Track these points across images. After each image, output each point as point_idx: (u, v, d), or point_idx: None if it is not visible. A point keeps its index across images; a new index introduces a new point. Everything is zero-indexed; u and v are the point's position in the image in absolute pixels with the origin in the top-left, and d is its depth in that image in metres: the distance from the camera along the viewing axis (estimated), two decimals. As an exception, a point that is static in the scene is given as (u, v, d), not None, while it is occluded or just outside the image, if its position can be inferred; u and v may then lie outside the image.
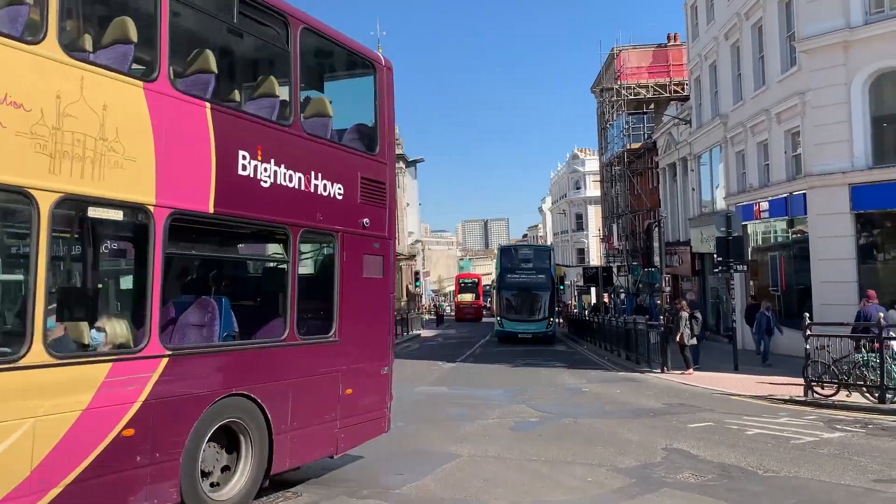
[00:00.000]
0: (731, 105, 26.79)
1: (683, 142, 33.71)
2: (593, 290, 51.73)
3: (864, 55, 18.83)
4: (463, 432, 11.26)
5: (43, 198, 5.06)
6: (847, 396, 13.52)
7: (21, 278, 5.57)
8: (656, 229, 36.19)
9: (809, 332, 14.39)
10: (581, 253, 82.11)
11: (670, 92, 43.02)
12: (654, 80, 44.37)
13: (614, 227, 52.64)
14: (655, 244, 36.07)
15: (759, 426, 11.34)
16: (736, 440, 10.33)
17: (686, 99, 36.44)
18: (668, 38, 45.72)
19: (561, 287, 40.04)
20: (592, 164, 76.93)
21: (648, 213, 42.34)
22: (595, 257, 75.59)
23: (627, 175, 46.59)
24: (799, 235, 21.77)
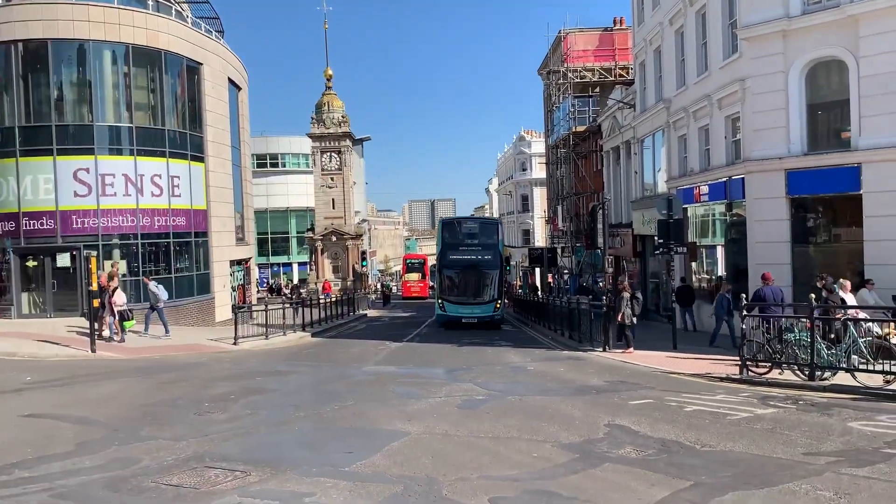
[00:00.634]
0: (675, 90, 27.32)
1: (627, 126, 34.25)
2: (538, 270, 52.43)
3: (802, 44, 19.42)
4: (411, 410, 11.35)
5: None
6: (780, 374, 14.10)
7: None
8: (600, 211, 36.80)
9: (745, 313, 14.91)
10: (526, 234, 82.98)
11: (616, 76, 43.62)
12: (599, 63, 44.89)
13: (559, 208, 53.31)
14: (599, 226, 36.71)
15: (697, 403, 11.73)
16: (675, 417, 10.68)
17: (631, 83, 36.98)
18: (615, 22, 46.24)
19: (507, 268, 36.44)
20: (538, 146, 77.59)
21: (593, 196, 42.99)
22: (540, 238, 76.52)
23: (572, 157, 47.14)
24: (737, 218, 22.44)
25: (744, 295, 15.86)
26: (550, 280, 49.15)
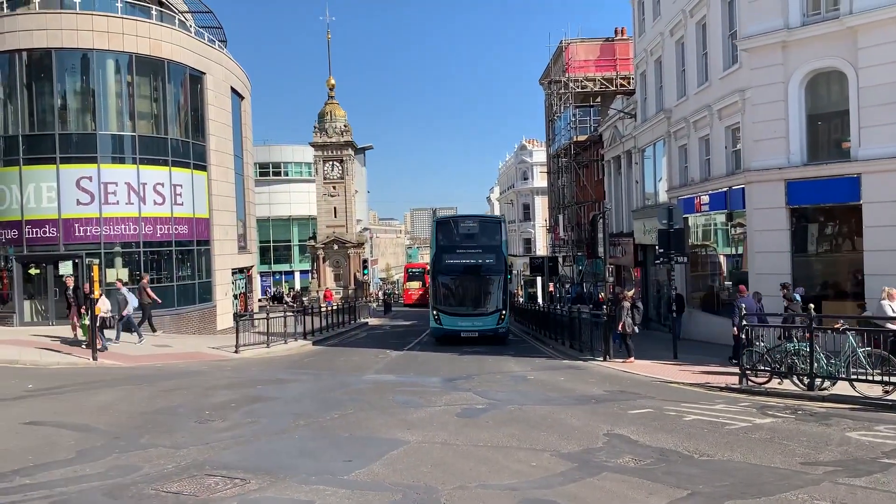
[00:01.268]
0: (675, 100, 27.42)
1: (628, 135, 34.35)
2: (539, 279, 52.44)
3: (802, 55, 19.52)
4: (411, 419, 11.39)
5: None
6: (779, 384, 14.13)
7: None
8: (601, 220, 36.87)
9: (745, 323, 14.95)
10: (528, 243, 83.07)
11: (617, 86, 43.75)
12: (601, 73, 45.03)
13: (560, 217, 53.38)
14: (600, 235, 36.77)
15: (696, 413, 11.75)
16: (674, 426, 10.70)
17: (632, 93, 37.11)
18: (616, 33, 46.42)
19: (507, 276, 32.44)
20: (540, 155, 77.74)
21: (594, 205, 43.05)
22: (541, 247, 76.56)
23: (574, 167, 47.23)
24: (737, 228, 22.49)
25: (743, 306, 15.89)
26: (551, 289, 49.16)
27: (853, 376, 12.97)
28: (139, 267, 27.32)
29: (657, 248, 21.42)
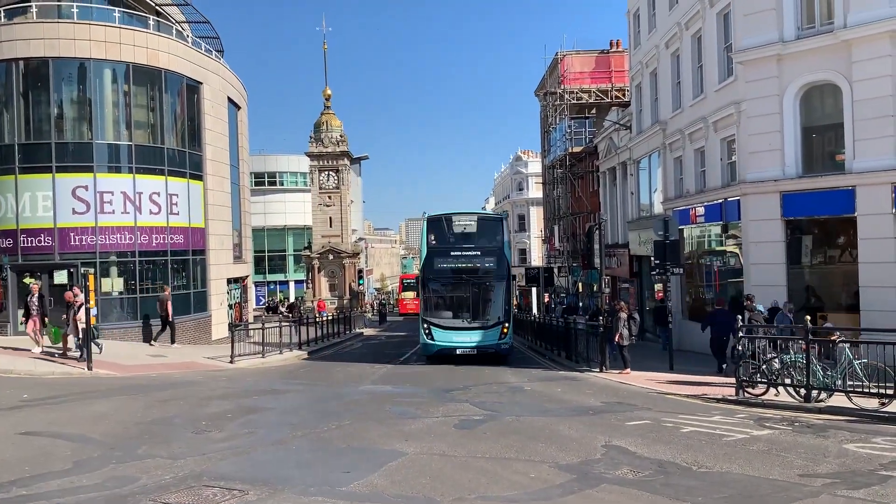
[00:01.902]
0: (671, 112, 27.55)
1: (623, 147, 34.48)
2: (534, 290, 52.49)
3: (796, 68, 19.66)
4: (408, 430, 11.36)
5: None
6: (776, 395, 14.15)
7: None
8: (597, 232, 36.95)
9: (741, 334, 14.98)
10: (523, 253, 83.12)
11: (612, 97, 43.96)
12: (596, 85, 45.25)
13: (556, 228, 53.47)
14: (595, 246, 36.83)
15: (693, 424, 11.76)
16: (671, 438, 10.70)
17: (627, 105, 37.28)
18: (611, 45, 46.70)
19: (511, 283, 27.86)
20: (535, 166, 77.95)
21: (589, 216, 43.16)
22: (537, 258, 76.65)
23: (569, 178, 47.37)
24: (733, 241, 22.57)
25: (739, 317, 15.93)
26: (547, 299, 49.20)
27: (850, 388, 13.01)
28: (135, 276, 27.25)
29: (653, 259, 21.47)
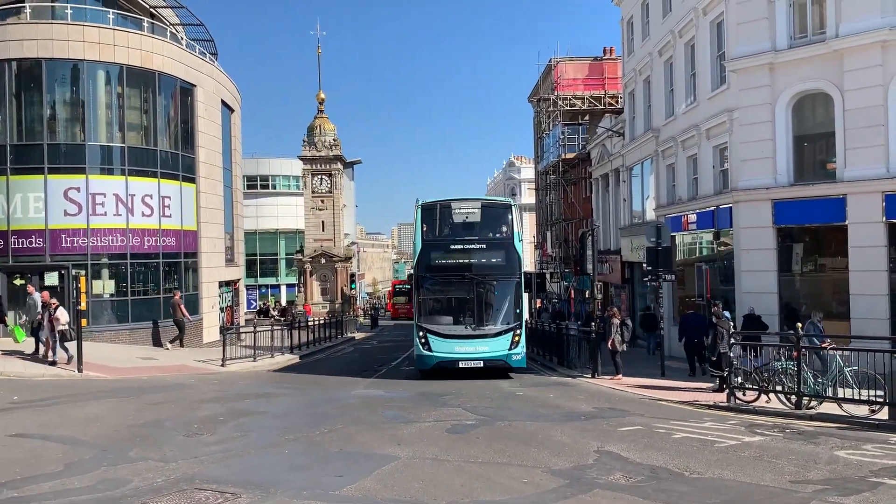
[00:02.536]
0: (664, 119, 27.68)
1: (616, 153, 34.60)
2: (526, 295, 52.51)
3: (788, 77, 19.80)
4: (401, 434, 11.36)
5: None
6: (767, 402, 14.21)
7: None
8: (589, 238, 37.04)
9: (733, 341, 15.05)
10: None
11: (605, 104, 44.09)
12: (589, 92, 45.38)
13: (548, 234, 53.56)
14: (588, 252, 36.93)
15: (685, 430, 11.80)
16: (664, 443, 10.74)
17: (620, 112, 37.41)
18: (605, 52, 46.85)
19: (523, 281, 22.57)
20: (528, 171, 78.12)
21: (581, 222, 43.24)
22: (529, 263, 76.71)
23: (562, 184, 47.47)
24: (724, 248, 22.67)
25: (731, 323, 15.99)
26: (539, 304, 49.24)
27: (840, 395, 13.09)
28: (126, 279, 27.14)
29: (645, 265, 21.53)
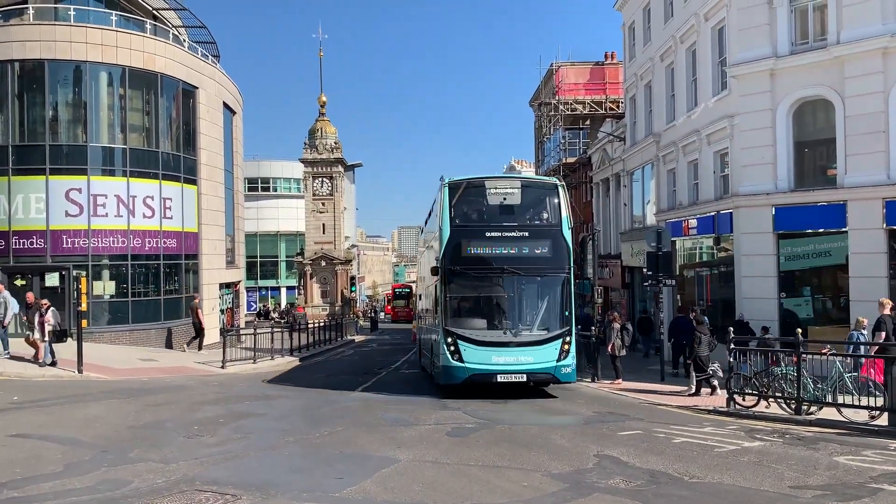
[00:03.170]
0: (665, 125, 27.71)
1: (617, 158, 34.63)
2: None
3: (789, 83, 19.83)
4: (401, 437, 11.37)
5: None
6: (766, 407, 14.22)
7: None
8: (590, 242, 37.05)
9: (732, 346, 15.06)
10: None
11: (606, 109, 44.16)
12: (590, 96, 45.44)
13: (548, 238, 53.47)
14: (589, 257, 36.94)
15: (685, 435, 11.80)
16: (663, 448, 10.74)
17: (621, 116, 37.47)
18: (606, 57, 46.92)
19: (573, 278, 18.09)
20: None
21: (581, 226, 43.26)
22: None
23: (563, 188, 47.43)
24: (725, 253, 22.69)
25: (731, 329, 16.00)
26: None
27: (840, 401, 13.10)
28: (127, 280, 27.16)
29: (645, 270, 21.54)
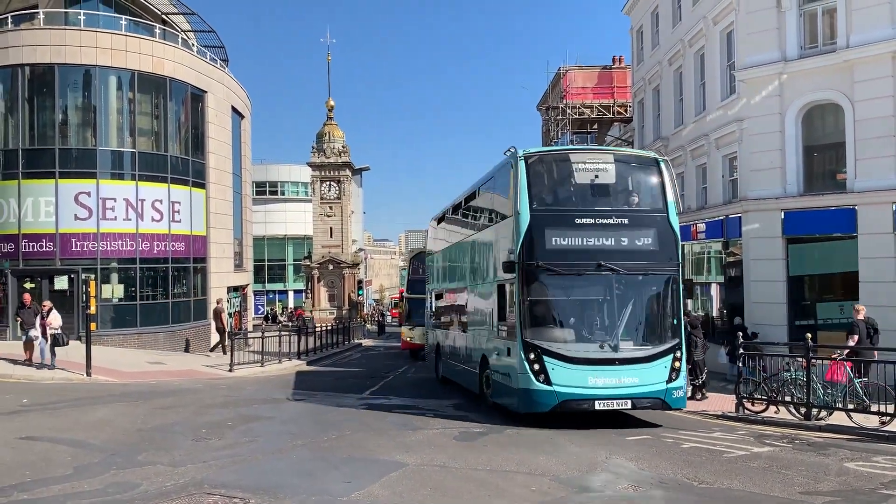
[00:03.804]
0: (673, 129, 27.65)
1: (626, 162, 34.48)
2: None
3: (798, 87, 19.76)
4: (408, 441, 11.35)
5: None
6: (776, 413, 14.15)
7: None
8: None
9: (741, 351, 14.99)
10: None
11: (614, 113, 44.09)
12: (598, 100, 45.35)
13: (556, 242, 53.38)
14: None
15: (693, 440, 11.76)
16: (672, 453, 10.70)
17: (629, 120, 37.41)
18: (614, 61, 46.84)
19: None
20: (536, 179, 77.91)
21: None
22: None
23: (570, 192, 47.34)
24: (733, 257, 22.60)
25: (740, 333, 15.94)
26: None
27: (850, 407, 13.02)
28: (135, 283, 27.27)
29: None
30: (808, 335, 14.46)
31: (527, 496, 8.22)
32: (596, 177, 13.83)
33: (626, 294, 13.29)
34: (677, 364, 13.12)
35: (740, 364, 14.84)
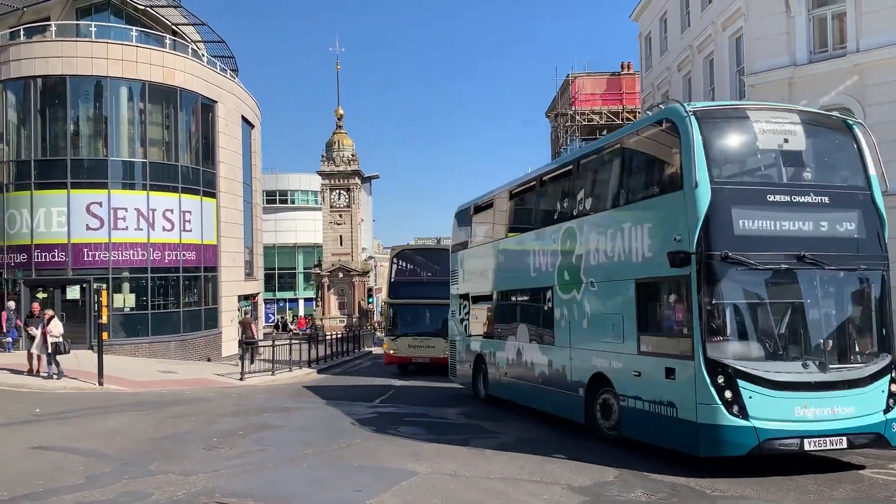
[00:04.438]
0: (682, 134, 27.55)
1: (635, 168, 34.45)
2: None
3: (808, 92, 19.66)
4: (419, 450, 11.32)
5: None
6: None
7: None
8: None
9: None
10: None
11: (623, 119, 44.03)
12: (607, 107, 45.36)
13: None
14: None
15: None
16: (685, 460, 10.59)
17: (638, 126, 37.27)
18: (622, 67, 46.88)
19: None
20: (545, 186, 77.89)
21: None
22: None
23: (580, 199, 47.29)
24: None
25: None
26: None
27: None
28: (147, 292, 27.41)
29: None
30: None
31: (539, 504, 8.16)
32: (785, 140, 10.77)
33: (827, 295, 10.37)
34: (894, 387, 10.16)
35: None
